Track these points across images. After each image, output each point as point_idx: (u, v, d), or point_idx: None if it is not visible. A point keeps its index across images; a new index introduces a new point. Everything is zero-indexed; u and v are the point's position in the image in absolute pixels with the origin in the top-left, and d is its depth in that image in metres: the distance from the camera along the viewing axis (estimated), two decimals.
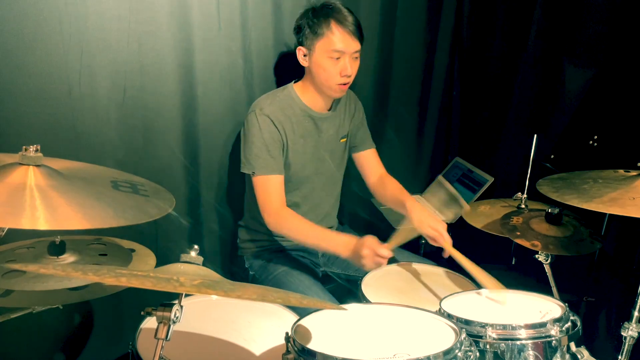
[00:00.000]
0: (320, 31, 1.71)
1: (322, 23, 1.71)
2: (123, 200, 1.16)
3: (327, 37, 1.71)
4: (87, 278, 0.90)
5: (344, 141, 1.99)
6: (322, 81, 1.77)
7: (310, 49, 1.75)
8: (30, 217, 1.00)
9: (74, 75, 1.66)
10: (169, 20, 1.78)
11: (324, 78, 1.76)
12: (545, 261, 1.58)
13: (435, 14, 2.44)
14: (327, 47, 1.72)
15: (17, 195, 1.04)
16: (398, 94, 2.46)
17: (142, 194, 1.23)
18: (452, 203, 2.15)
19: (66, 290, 1.25)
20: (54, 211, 1.03)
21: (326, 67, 1.74)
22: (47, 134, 1.65)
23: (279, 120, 1.78)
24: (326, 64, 1.73)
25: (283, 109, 1.81)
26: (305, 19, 1.76)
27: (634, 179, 1.40)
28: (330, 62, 1.73)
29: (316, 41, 1.73)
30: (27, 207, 1.02)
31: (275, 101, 1.81)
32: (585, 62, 2.04)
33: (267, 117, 1.76)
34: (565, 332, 1.26)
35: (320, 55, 1.73)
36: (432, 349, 1.08)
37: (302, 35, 1.76)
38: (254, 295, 1.00)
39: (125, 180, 1.29)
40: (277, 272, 1.84)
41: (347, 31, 1.71)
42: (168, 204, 1.24)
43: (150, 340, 1.03)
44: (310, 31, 1.73)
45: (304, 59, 1.79)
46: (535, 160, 1.98)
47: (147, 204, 1.19)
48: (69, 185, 1.14)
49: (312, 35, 1.73)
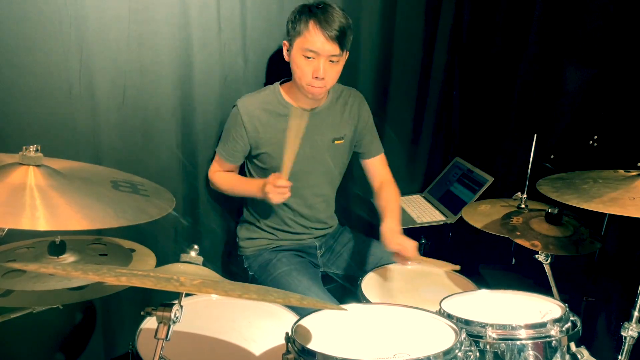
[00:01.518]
0: (298, 28, 1.73)
1: (302, 21, 1.73)
2: (123, 200, 1.17)
3: (303, 36, 1.72)
4: (88, 278, 0.90)
5: (339, 143, 1.95)
6: (295, 78, 1.80)
7: (290, 44, 1.78)
8: (30, 217, 1.00)
9: (74, 75, 1.66)
10: (169, 20, 1.78)
11: (297, 75, 1.78)
12: (545, 261, 1.58)
13: (434, 13, 2.44)
14: (302, 44, 1.73)
15: (17, 195, 1.04)
16: (397, 93, 2.46)
17: (142, 193, 1.23)
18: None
19: (66, 290, 1.25)
20: (54, 211, 1.03)
21: (299, 65, 1.75)
22: (47, 134, 1.65)
23: (252, 115, 1.83)
24: (300, 61, 1.75)
25: (264, 104, 1.85)
26: (292, 14, 1.78)
27: (634, 179, 1.40)
28: (303, 60, 1.74)
29: (295, 38, 1.75)
30: (27, 207, 1.02)
31: (257, 97, 1.87)
32: (585, 62, 2.04)
33: (238, 110, 1.84)
34: (565, 332, 1.27)
35: (296, 52, 1.75)
36: (432, 349, 1.08)
37: (288, 31, 1.79)
38: (254, 295, 1.00)
39: (125, 180, 1.30)
40: (277, 273, 1.84)
41: (325, 34, 1.70)
42: (168, 204, 1.24)
43: (150, 340, 1.03)
44: (292, 27, 1.76)
45: (287, 54, 1.82)
46: (535, 160, 1.98)
47: (147, 204, 1.19)
48: (69, 185, 1.14)
49: (293, 32, 1.76)
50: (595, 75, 2.01)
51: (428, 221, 2.27)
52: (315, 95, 1.81)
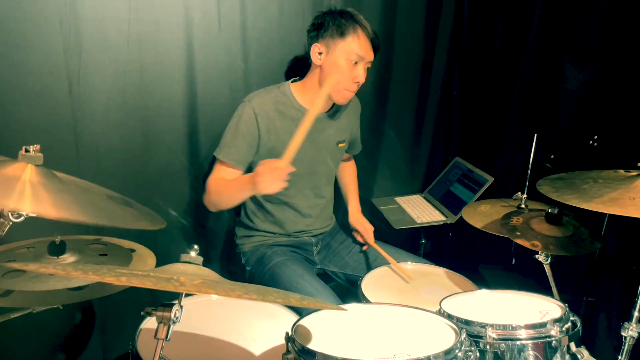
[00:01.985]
0: (346, 32, 1.71)
1: (349, 25, 1.72)
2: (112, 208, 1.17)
3: (352, 40, 1.71)
4: (88, 278, 0.90)
5: (342, 146, 1.99)
6: (330, 82, 1.74)
7: (329, 47, 1.74)
8: (16, 200, 1.01)
9: (74, 75, 1.66)
10: (169, 20, 1.78)
11: (336, 79, 1.74)
12: (545, 261, 1.58)
13: (435, 13, 2.44)
14: (349, 49, 1.72)
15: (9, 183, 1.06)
16: (397, 93, 2.46)
17: (135, 208, 1.25)
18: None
19: (66, 290, 1.25)
20: (38, 199, 1.05)
21: (343, 70, 1.73)
22: (47, 134, 1.65)
23: (265, 114, 1.77)
24: (343, 65, 1.73)
25: (276, 104, 1.81)
26: (329, 17, 1.75)
27: (634, 179, 1.40)
28: (347, 65, 1.73)
29: (339, 41, 1.72)
30: (16, 192, 1.04)
31: (268, 95, 1.81)
32: (585, 62, 2.03)
33: (252, 109, 1.76)
34: (565, 332, 1.27)
35: (340, 56, 1.73)
36: (432, 349, 1.08)
37: (322, 33, 1.74)
38: (254, 295, 1.00)
39: (121, 198, 1.33)
40: (272, 263, 1.85)
41: (370, 40, 1.74)
42: (156, 223, 1.26)
43: (150, 340, 1.03)
44: (336, 30, 1.72)
45: (318, 57, 1.76)
46: (535, 160, 1.98)
47: (136, 216, 1.20)
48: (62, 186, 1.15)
49: (337, 35, 1.72)
50: (595, 75, 2.01)
51: (428, 221, 2.27)
52: (346, 100, 1.82)
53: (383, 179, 2.53)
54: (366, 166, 2.43)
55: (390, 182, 2.55)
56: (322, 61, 1.76)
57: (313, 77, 1.82)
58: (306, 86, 1.85)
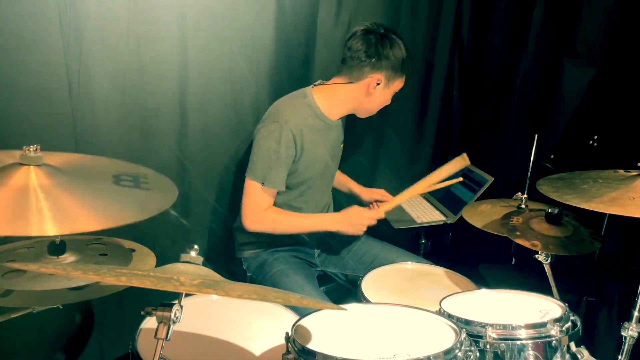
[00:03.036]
0: (402, 71, 1.81)
1: (406, 65, 1.81)
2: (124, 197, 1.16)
3: (402, 78, 1.83)
4: (88, 277, 0.90)
5: (342, 146, 2.02)
6: (372, 109, 1.87)
7: (388, 82, 1.80)
8: (37, 223, 1.00)
9: (74, 75, 1.65)
10: (169, 20, 1.78)
11: (376, 107, 1.87)
12: (545, 261, 1.58)
13: (435, 13, 2.44)
14: (398, 86, 1.84)
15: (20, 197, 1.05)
16: (398, 93, 2.45)
17: (143, 187, 1.23)
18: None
19: (66, 290, 1.25)
20: (59, 214, 1.03)
21: (385, 101, 1.86)
22: (47, 134, 1.65)
23: (300, 133, 1.76)
24: (388, 98, 1.85)
25: (304, 118, 1.80)
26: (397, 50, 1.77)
27: (634, 179, 1.40)
28: (390, 97, 1.86)
29: (396, 79, 1.81)
30: (33, 209, 1.02)
31: (297, 111, 1.79)
32: (585, 62, 2.04)
33: (290, 132, 1.73)
34: (566, 332, 1.27)
35: (390, 91, 1.83)
36: (432, 349, 1.08)
37: (384, 65, 1.76)
38: (254, 295, 1.00)
39: (127, 172, 1.29)
40: (273, 272, 1.85)
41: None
42: (170, 196, 1.23)
43: (150, 340, 1.03)
44: (399, 68, 1.79)
45: (374, 86, 1.78)
46: (535, 160, 1.98)
47: (149, 199, 1.19)
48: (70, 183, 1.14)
49: (396, 72, 1.79)
50: (595, 76, 2.01)
51: (428, 221, 2.27)
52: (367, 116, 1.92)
53: (383, 179, 2.53)
54: (366, 166, 2.43)
55: (390, 182, 2.55)
56: (375, 90, 1.79)
57: (347, 91, 1.81)
58: (333, 96, 1.83)
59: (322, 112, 1.83)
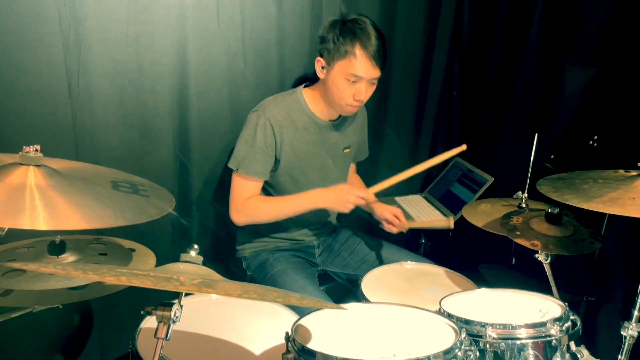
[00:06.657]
0: (342, 51, 1.65)
1: (347, 43, 1.65)
2: (123, 201, 1.17)
3: (348, 60, 1.65)
4: (87, 277, 0.90)
5: (347, 152, 1.98)
6: (333, 98, 1.74)
7: (329, 64, 1.70)
8: (29, 217, 1.00)
9: (73, 75, 1.66)
10: (168, 21, 1.78)
11: (337, 97, 1.72)
12: (545, 261, 1.58)
13: (434, 13, 2.44)
14: (346, 69, 1.66)
15: (16, 195, 1.05)
16: (397, 93, 2.46)
17: (142, 194, 1.23)
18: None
19: (66, 290, 1.25)
20: (53, 211, 1.03)
21: (340, 88, 1.69)
22: (46, 134, 1.65)
23: (280, 125, 1.76)
24: (341, 84, 1.69)
25: (289, 112, 1.79)
26: (331, 32, 1.69)
27: (634, 179, 1.40)
28: (346, 84, 1.68)
29: (337, 60, 1.67)
30: (27, 207, 1.02)
31: (281, 104, 1.79)
32: (585, 62, 2.04)
33: (267, 120, 1.74)
34: (565, 331, 1.27)
35: (337, 75, 1.69)
36: (432, 349, 1.08)
37: (325, 48, 1.71)
38: (254, 295, 1.00)
39: (126, 180, 1.30)
40: (273, 271, 1.84)
41: (370, 57, 1.65)
42: (168, 204, 1.24)
43: (150, 339, 1.03)
44: (334, 47, 1.67)
45: (322, 70, 1.75)
46: (535, 160, 1.98)
47: (147, 205, 1.19)
48: (69, 185, 1.14)
49: (335, 53, 1.67)
50: (595, 75, 2.01)
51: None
52: (351, 113, 1.81)
53: (383, 179, 2.52)
54: (366, 166, 2.43)
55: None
56: (324, 75, 1.75)
57: (320, 87, 1.81)
58: (316, 94, 1.83)
59: (312, 111, 1.82)
